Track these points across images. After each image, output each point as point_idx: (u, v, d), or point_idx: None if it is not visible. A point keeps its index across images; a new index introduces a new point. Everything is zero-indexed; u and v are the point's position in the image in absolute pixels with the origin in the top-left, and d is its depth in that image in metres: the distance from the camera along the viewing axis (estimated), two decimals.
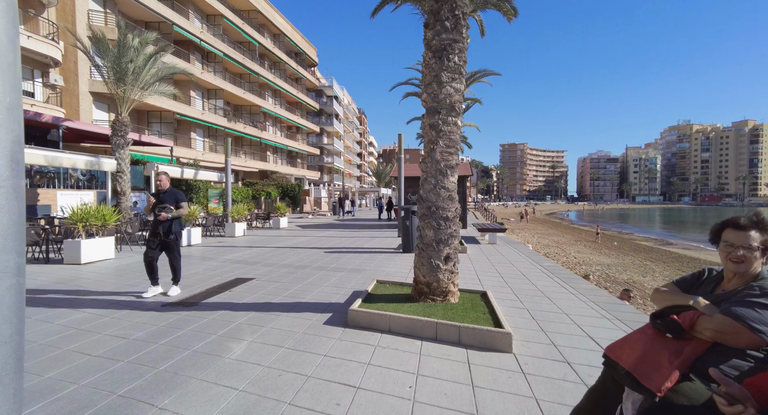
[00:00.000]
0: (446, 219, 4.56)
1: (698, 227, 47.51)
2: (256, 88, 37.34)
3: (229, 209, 14.96)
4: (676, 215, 79.30)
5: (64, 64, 20.13)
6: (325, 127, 56.52)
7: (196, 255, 9.66)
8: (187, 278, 6.85)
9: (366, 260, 8.83)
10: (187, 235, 11.52)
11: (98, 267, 7.82)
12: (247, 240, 13.26)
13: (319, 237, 14.30)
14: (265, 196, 30.22)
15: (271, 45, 39.37)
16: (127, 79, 12.59)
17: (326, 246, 11.56)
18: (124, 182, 12.99)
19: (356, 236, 14.61)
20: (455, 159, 4.65)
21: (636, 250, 26.11)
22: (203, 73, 29.24)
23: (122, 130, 12.98)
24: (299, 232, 16.58)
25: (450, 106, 4.57)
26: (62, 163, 10.64)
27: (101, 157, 11.90)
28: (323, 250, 10.69)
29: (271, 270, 7.66)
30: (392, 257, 9.40)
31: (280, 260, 8.87)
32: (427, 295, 4.56)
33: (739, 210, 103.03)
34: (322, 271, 7.54)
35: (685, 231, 42.04)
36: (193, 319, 4.52)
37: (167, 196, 5.76)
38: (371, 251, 10.41)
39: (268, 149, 40.14)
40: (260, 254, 9.95)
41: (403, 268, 7.84)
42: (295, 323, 4.34)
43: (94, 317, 4.58)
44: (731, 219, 1.70)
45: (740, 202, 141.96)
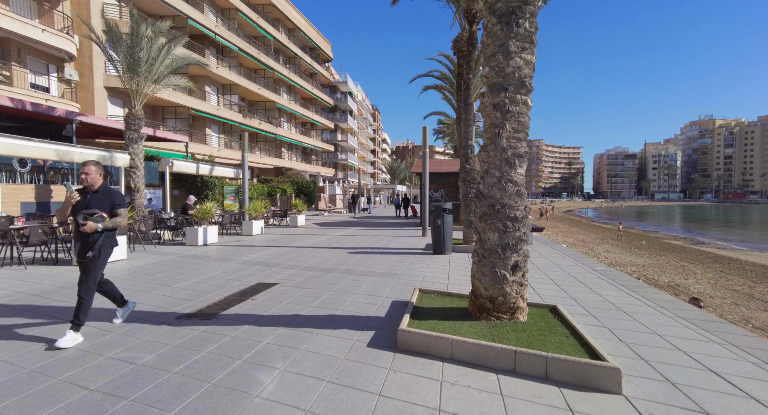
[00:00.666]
0: (514, 219, 3.77)
1: (725, 225, 45.56)
2: (270, 83, 36.84)
3: (246, 207, 14.37)
4: (699, 213, 76.48)
5: (79, 59, 19.80)
6: (339, 123, 55.92)
7: (213, 255, 9.04)
8: (204, 282, 6.19)
9: (395, 263, 8.08)
10: (203, 233, 10.93)
11: (109, 269, 7.23)
12: (265, 239, 12.63)
13: (340, 236, 13.60)
14: (280, 193, 29.73)
15: (285, 40, 38.80)
16: (140, 70, 12.03)
17: (349, 246, 10.85)
18: (137, 178, 12.47)
19: (378, 235, 13.87)
20: (524, 146, 3.84)
21: (667, 249, 24.83)
22: (218, 68, 28.79)
23: (136, 124, 12.45)
24: (318, 230, 15.92)
25: (519, 81, 3.76)
26: (73, 158, 10.15)
27: (114, 152, 11.39)
28: (347, 250, 9.97)
29: (294, 273, 6.96)
30: (423, 259, 8.62)
31: (303, 262, 8.17)
32: (490, 311, 3.77)
33: (766, 208, 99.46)
34: (350, 275, 6.81)
35: (713, 230, 40.23)
36: (212, 337, 3.82)
37: (97, 199, 3.89)
38: (398, 252, 9.65)
39: (282, 146, 39.68)
40: (280, 254, 9.28)
41: (439, 273, 7.06)
42: (334, 345, 3.61)
43: (97, 333, 3.92)
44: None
45: (766, 200, 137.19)
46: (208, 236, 11.20)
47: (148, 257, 8.67)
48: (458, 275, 6.76)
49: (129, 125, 12.41)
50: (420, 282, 6.23)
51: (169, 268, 7.45)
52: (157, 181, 18.47)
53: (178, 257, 8.74)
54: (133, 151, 12.39)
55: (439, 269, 7.34)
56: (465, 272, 7.03)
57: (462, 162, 9.83)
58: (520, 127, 3.79)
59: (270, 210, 18.30)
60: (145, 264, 7.82)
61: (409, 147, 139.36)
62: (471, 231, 9.59)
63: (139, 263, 7.99)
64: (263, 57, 34.36)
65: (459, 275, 6.82)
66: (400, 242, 11.74)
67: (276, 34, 36.38)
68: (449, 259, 8.52)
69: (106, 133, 17.78)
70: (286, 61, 40.69)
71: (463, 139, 9.83)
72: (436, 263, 7.97)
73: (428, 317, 3.90)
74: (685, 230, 40.56)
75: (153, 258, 8.58)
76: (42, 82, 18.24)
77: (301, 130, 44.76)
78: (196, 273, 6.96)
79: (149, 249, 9.98)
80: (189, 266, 7.62)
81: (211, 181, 20.86)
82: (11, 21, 15.59)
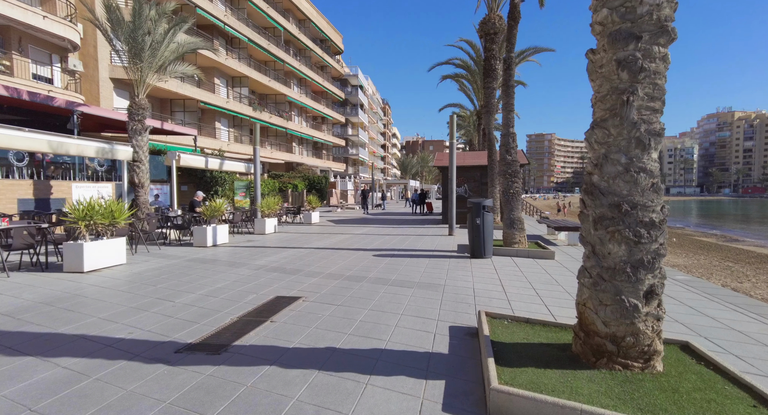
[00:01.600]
0: (650, 225, 2.63)
1: (754, 221, 43.53)
2: (281, 76, 35.82)
3: (258, 203, 13.38)
4: (719, 208, 73.76)
5: (84, 49, 18.94)
6: (349, 117, 54.79)
7: (223, 259, 8.04)
8: (213, 295, 5.17)
9: (431, 269, 6.99)
10: (212, 233, 9.95)
11: (104, 277, 6.25)
12: (280, 238, 11.63)
13: (359, 235, 12.54)
14: (291, 188, 28.80)
15: (296, 31, 37.69)
16: (143, 55, 11.04)
17: (372, 247, 9.78)
18: (141, 173, 11.53)
19: (400, 234, 12.78)
20: (659, 121, 2.70)
21: (703, 248, 23.31)
22: (227, 59, 27.82)
23: (139, 115, 11.50)
24: (334, 228, 14.88)
25: (658, 25, 2.61)
26: (69, 150, 9.21)
27: (115, 144, 10.45)
28: (371, 252, 8.90)
29: (318, 283, 5.91)
30: (462, 264, 7.51)
31: (325, 267, 7.12)
32: (612, 357, 2.66)
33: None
34: (383, 285, 5.74)
35: (741, 226, 38.31)
36: (221, 385, 2.78)
37: None
38: (429, 255, 8.55)
39: (293, 140, 38.72)
40: (298, 257, 8.24)
41: (490, 284, 5.96)
42: (393, 407, 2.53)
43: (70, 378, 2.90)
44: None
45: None
46: (218, 236, 10.22)
47: (151, 261, 7.70)
48: (516, 288, 5.64)
49: (132, 116, 11.45)
50: (471, 296, 5.13)
51: (173, 275, 6.45)
52: (164, 177, 17.60)
53: (184, 261, 7.75)
54: (137, 144, 11.44)
55: (487, 279, 6.22)
56: (522, 284, 5.91)
57: (502, 152, 8.67)
58: (657, 92, 2.65)
59: (283, 207, 17.31)
60: (147, 270, 6.84)
61: (419, 142, 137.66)
62: (513, 232, 8.45)
63: (140, 268, 7.01)
64: (273, 48, 33.30)
65: (517, 287, 5.70)
66: (428, 243, 10.64)
67: (286, 25, 35.28)
68: (493, 265, 7.39)
69: (112, 126, 16.91)
70: (297, 53, 39.60)
71: (503, 127, 8.65)
72: (480, 270, 6.85)
73: (519, 362, 2.80)
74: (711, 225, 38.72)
75: (156, 262, 7.61)
76: (44, 73, 17.41)
77: (311, 124, 43.74)
78: (204, 282, 5.95)
79: (153, 251, 9.02)
80: (196, 273, 6.62)
81: (221, 177, 19.93)
82: (10, 6, 14.72)
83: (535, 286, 5.72)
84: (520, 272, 6.66)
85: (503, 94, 8.67)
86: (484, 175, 16.00)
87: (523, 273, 6.60)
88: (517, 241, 8.45)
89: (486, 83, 14.79)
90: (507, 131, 8.55)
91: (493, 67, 14.56)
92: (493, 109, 14.66)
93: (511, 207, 8.54)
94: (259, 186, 13.76)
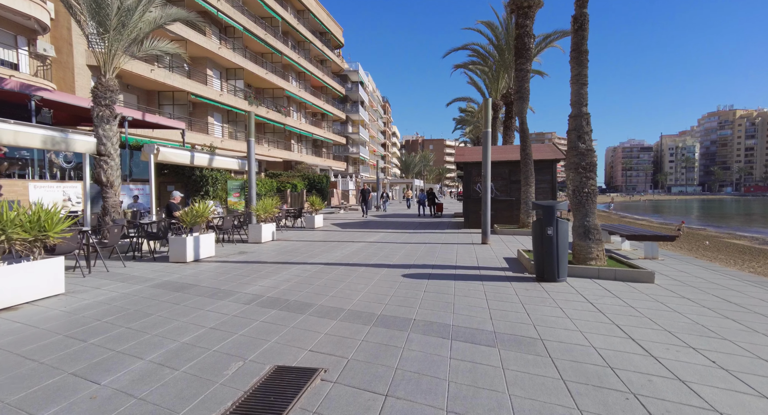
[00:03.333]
0: None
1: None
2: (279, 69, 33.69)
3: (253, 206, 11.28)
4: (726, 207, 71.53)
5: (56, 31, 16.79)
6: (350, 114, 52.67)
7: (203, 283, 5.94)
8: (170, 363, 3.06)
9: (498, 302, 4.92)
10: (193, 245, 7.85)
11: (10, 322, 4.16)
12: (279, 249, 9.54)
13: (374, 243, 10.45)
14: (290, 188, 26.69)
15: (295, 22, 35.57)
16: (109, 23, 8.90)
17: (396, 262, 7.70)
18: (110, 170, 9.43)
19: (422, 242, 10.71)
20: None
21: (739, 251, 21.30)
22: (221, 49, 25.68)
23: (107, 98, 9.39)
24: (341, 234, 12.79)
25: None
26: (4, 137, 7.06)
27: (72, 132, 8.33)
28: (398, 271, 6.82)
29: (340, 334, 3.82)
30: (535, 292, 5.44)
31: (345, 298, 5.04)
32: None
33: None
34: (444, 340, 3.66)
35: (760, 225, 36.33)
36: None
37: None
38: (478, 275, 6.49)
39: (292, 137, 36.59)
40: (305, 279, 6.15)
41: (610, 335, 3.89)
42: None
43: None
44: None
45: None
46: (202, 248, 8.12)
47: (103, 289, 5.60)
48: (664, 348, 3.54)
49: (97, 99, 9.34)
50: (607, 372, 3.05)
51: (124, 317, 4.35)
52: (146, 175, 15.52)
53: (149, 288, 5.66)
54: (104, 134, 9.32)
55: (594, 323, 4.14)
56: (663, 336, 3.82)
57: (572, 140, 6.59)
58: None
59: (282, 209, 15.20)
60: (89, 306, 4.74)
61: (419, 141, 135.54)
62: (588, 244, 6.38)
63: (81, 302, 4.91)
64: (271, 39, 31.17)
65: (662, 344, 3.61)
66: (463, 255, 8.56)
67: (285, 15, 33.16)
68: (579, 293, 5.32)
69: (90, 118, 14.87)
70: (296, 46, 37.46)
71: (574, 106, 6.58)
72: (569, 304, 4.77)
73: None
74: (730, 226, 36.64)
75: (109, 290, 5.51)
76: (9, 57, 15.26)
77: (311, 120, 41.62)
78: (165, 332, 3.86)
79: (116, 270, 6.91)
80: (158, 312, 4.52)
81: (212, 175, 17.82)
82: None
83: (689, 340, 3.65)
84: (630, 308, 4.59)
85: (574, 63, 6.60)
86: (514, 173, 13.94)
87: (638, 311, 4.53)
88: (593, 256, 6.39)
89: (518, 64, 12.72)
90: (579, 111, 6.49)
91: (526, 46, 12.51)
92: (525, 95, 12.61)
93: (585, 211, 6.48)
94: (255, 186, 11.65)
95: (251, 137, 11.68)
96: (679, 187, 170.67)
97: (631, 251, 8.89)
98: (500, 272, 6.76)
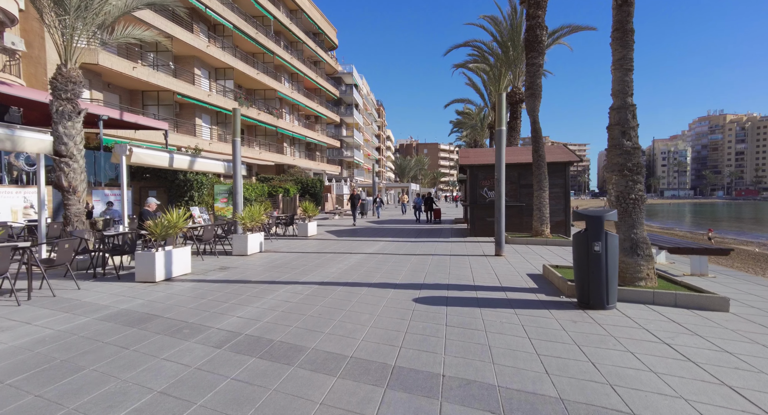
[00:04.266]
0: None
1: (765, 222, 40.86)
2: (271, 69, 32.54)
3: (238, 213, 10.08)
4: (720, 211, 71.11)
5: (26, 24, 15.52)
6: (344, 117, 51.57)
7: (168, 313, 4.75)
8: None
9: (543, 341, 3.80)
10: (164, 261, 6.65)
11: None
12: (266, 263, 8.35)
13: (373, 255, 9.30)
14: (283, 193, 25.47)
15: (287, 21, 34.50)
16: (68, 3, 7.71)
17: (402, 280, 6.56)
18: (73, 173, 8.19)
19: (426, 253, 9.58)
20: None
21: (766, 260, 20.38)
22: (209, 47, 24.49)
23: (68, 91, 8.17)
24: (337, 244, 11.62)
25: None
26: None
27: (19, 128, 7.10)
28: (406, 293, 5.69)
29: (343, 399, 2.67)
30: (586, 326, 4.33)
31: (348, 337, 3.88)
32: None
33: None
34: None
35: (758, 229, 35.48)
36: None
37: None
38: (503, 299, 5.37)
39: (285, 140, 35.38)
40: (295, 307, 4.99)
41: (717, 394, 2.79)
42: None
43: None
44: None
45: None
46: (174, 265, 6.92)
47: (35, 323, 4.38)
48: None
49: (57, 92, 8.12)
50: None
51: (43, 374, 3.15)
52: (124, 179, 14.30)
53: (97, 322, 4.46)
54: (65, 132, 8.10)
55: (694, 382, 3.03)
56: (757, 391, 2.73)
57: (615, 136, 5.49)
58: None
59: (272, 216, 13.99)
60: (2, 353, 3.54)
61: (413, 145, 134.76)
62: (637, 261, 5.29)
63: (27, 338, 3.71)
64: (262, 38, 30.05)
65: None
66: (479, 271, 7.45)
67: (277, 14, 32.07)
68: (642, 326, 4.22)
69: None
70: (288, 46, 36.37)
71: (618, 97, 5.49)
72: (644, 349, 3.64)
73: None
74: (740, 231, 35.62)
75: (41, 327, 4.30)
76: None
77: (304, 123, 40.46)
78: (90, 405, 2.67)
79: (64, 294, 5.68)
80: (95, 365, 3.33)
81: (197, 179, 16.57)
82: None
83: None
84: (726, 355, 3.48)
85: (618, 46, 5.54)
86: (524, 176, 12.90)
87: (739, 358, 3.41)
88: (642, 275, 5.29)
89: (529, 58, 11.71)
90: (624, 102, 5.41)
91: (538, 39, 11.50)
92: (538, 92, 11.59)
93: (632, 221, 5.39)
94: (241, 191, 10.47)
95: (237, 137, 10.52)
96: (671, 191, 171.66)
97: (668, 264, 7.83)
98: (530, 294, 5.65)
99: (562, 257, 8.92)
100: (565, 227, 12.68)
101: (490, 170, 13.24)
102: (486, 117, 31.95)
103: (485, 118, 32.37)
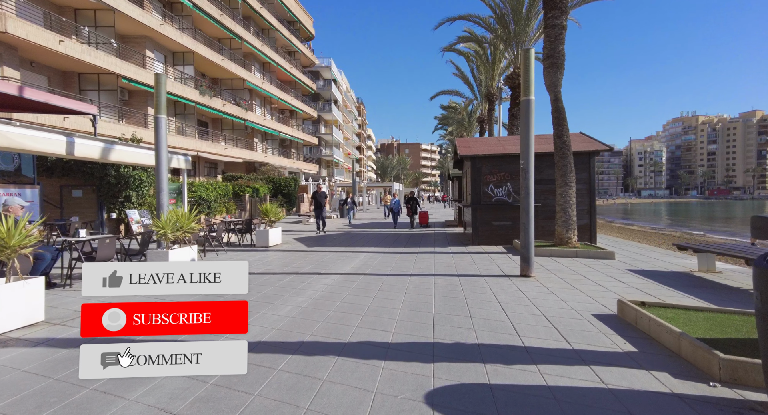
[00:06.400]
0: None
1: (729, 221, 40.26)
2: (239, 56, 29.35)
3: (160, 219, 7.15)
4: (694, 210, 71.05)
5: None
6: (322, 114, 48.55)
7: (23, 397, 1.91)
8: None
9: None
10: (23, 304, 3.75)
11: None
12: None
13: (351, 276, 6.58)
14: (251, 193, 22.45)
15: (258, 5, 31.42)
16: None
17: (401, 338, 3.86)
18: None
19: (424, 273, 6.91)
20: None
21: None
22: (162, 26, 21.26)
23: None
24: (302, 259, 8.83)
25: None
26: None
27: None
28: (412, 368, 3.00)
29: None
30: None
31: None
32: None
33: (749, 204, 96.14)
34: None
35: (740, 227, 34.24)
36: None
37: None
38: (600, 390, 2.76)
39: (255, 135, 32.19)
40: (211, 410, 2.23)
41: None
42: None
43: None
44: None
45: (750, 196, 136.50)
46: (4, 318, 4.02)
47: None
48: None
49: None
50: None
51: None
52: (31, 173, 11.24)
53: None
54: None
55: None
56: None
57: None
58: None
59: (221, 223, 11.03)
60: None
61: (394, 144, 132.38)
62: None
63: None
64: (228, 21, 26.90)
65: None
66: (512, 307, 4.81)
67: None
68: None
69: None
70: (259, 33, 33.23)
71: None
72: None
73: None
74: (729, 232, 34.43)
75: None
76: None
77: (278, 117, 37.33)
78: None
79: None
80: None
81: (136, 176, 13.50)
82: None
83: None
84: None
85: None
86: (540, 169, 10.37)
87: None
88: None
89: (549, 19, 9.19)
90: None
91: None
92: (560, 61, 9.08)
93: None
94: (166, 189, 7.56)
95: (161, 113, 7.60)
96: (648, 190, 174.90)
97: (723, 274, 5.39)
98: (640, 371, 3.03)
99: (616, 278, 6.39)
100: (589, 233, 10.22)
101: (496, 162, 10.69)
102: (474, 110, 29.66)
103: (473, 111, 30.09)
